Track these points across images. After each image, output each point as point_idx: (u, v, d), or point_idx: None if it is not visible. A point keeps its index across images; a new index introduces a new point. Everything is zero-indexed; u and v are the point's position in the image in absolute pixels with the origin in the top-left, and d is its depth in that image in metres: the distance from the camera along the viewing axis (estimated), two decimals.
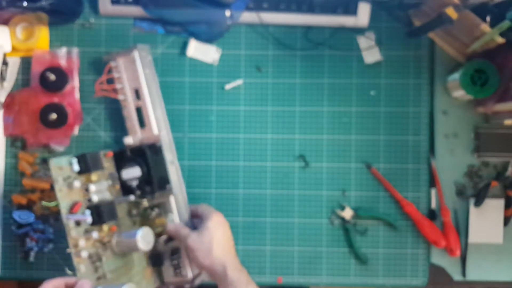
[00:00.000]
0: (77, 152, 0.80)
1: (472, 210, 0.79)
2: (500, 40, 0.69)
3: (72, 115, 0.79)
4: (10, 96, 0.80)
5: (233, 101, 0.80)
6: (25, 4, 0.73)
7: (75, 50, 0.79)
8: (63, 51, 0.79)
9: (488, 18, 0.69)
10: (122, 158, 0.70)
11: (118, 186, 0.70)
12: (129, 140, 0.74)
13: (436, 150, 0.80)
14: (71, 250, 0.64)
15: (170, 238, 0.72)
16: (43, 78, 0.77)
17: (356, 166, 0.80)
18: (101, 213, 0.65)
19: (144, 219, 0.73)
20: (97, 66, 0.80)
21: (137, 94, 0.74)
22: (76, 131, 0.79)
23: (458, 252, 0.78)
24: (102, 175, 0.68)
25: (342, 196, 0.80)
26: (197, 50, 0.80)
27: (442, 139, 0.80)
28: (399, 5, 0.77)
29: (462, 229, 0.79)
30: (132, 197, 0.69)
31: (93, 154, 0.67)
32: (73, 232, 0.64)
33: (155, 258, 0.73)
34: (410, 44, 0.80)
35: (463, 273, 0.79)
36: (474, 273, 0.79)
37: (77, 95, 0.79)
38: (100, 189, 0.67)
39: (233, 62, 0.80)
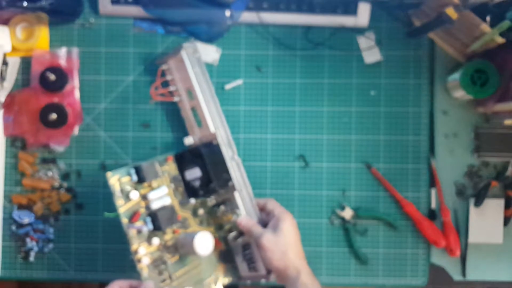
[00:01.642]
0: (78, 152, 0.80)
1: (472, 210, 0.79)
2: (500, 40, 0.69)
3: (72, 115, 0.79)
4: (10, 96, 0.80)
5: (233, 101, 0.80)
6: (25, 4, 0.73)
7: (75, 50, 0.79)
8: (63, 51, 0.79)
9: (488, 18, 0.69)
10: (183, 160, 0.71)
11: (181, 188, 0.71)
12: (189, 141, 0.74)
13: (436, 150, 0.80)
14: (133, 257, 0.66)
15: (240, 234, 0.72)
16: (43, 78, 0.77)
17: (356, 166, 0.80)
18: (160, 220, 0.66)
19: (212, 217, 0.74)
20: (97, 66, 0.80)
21: (191, 93, 0.75)
22: (76, 131, 0.79)
23: (458, 252, 0.78)
24: (162, 181, 0.70)
25: (342, 196, 0.80)
26: None
27: (442, 139, 0.80)
28: (399, 5, 0.77)
29: (462, 229, 0.79)
30: (192, 201, 0.70)
31: (149, 164, 0.68)
32: (135, 241, 0.66)
33: (226, 255, 0.73)
34: (410, 44, 0.80)
35: (463, 273, 0.79)
36: (474, 273, 0.79)
37: (77, 95, 0.79)
38: (159, 195, 0.68)
39: (233, 62, 0.80)
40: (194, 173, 0.71)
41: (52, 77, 0.77)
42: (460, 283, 0.79)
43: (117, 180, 0.67)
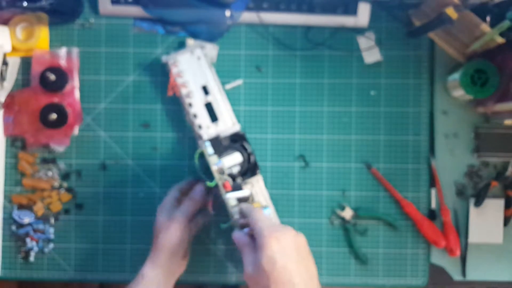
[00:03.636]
0: (78, 152, 0.80)
1: (472, 210, 0.79)
2: (500, 40, 0.69)
3: (72, 115, 0.79)
4: (10, 96, 0.80)
5: (233, 101, 0.80)
6: (25, 4, 0.73)
7: (75, 50, 0.79)
8: (63, 51, 0.79)
9: (488, 18, 0.69)
10: (217, 145, 0.72)
11: None
12: (209, 134, 0.74)
13: (436, 150, 0.80)
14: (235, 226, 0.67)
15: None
16: (43, 78, 0.77)
17: (356, 166, 0.80)
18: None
19: None
20: (97, 66, 0.80)
21: (205, 90, 0.75)
22: (76, 131, 0.79)
23: (458, 252, 0.78)
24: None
25: (342, 196, 0.80)
26: None
27: (442, 139, 0.80)
28: (399, 5, 0.77)
29: (462, 229, 0.79)
30: (247, 192, 0.70)
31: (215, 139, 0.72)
32: (232, 202, 0.68)
33: None
34: (410, 44, 0.80)
35: (463, 273, 0.79)
36: (474, 273, 0.79)
37: (77, 95, 0.79)
38: (233, 162, 0.71)
39: (233, 62, 0.80)
40: (234, 159, 0.71)
41: (52, 77, 0.77)
42: (460, 283, 0.80)
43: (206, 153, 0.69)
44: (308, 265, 0.56)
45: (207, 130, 0.74)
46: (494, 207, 0.78)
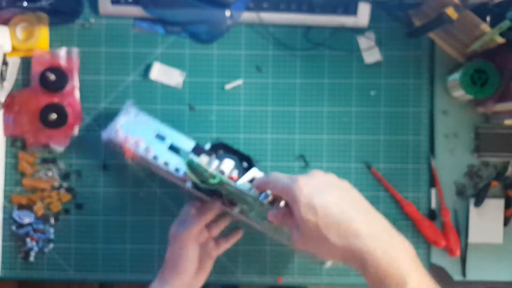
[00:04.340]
0: (78, 152, 0.80)
1: (472, 210, 0.79)
2: (500, 40, 0.69)
3: (72, 115, 0.79)
4: (10, 96, 0.80)
5: (233, 101, 0.80)
6: (25, 4, 0.73)
7: (75, 50, 0.79)
8: (63, 51, 0.79)
9: (488, 18, 0.69)
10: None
11: None
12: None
13: (436, 150, 0.80)
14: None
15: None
16: (43, 78, 0.77)
17: (356, 166, 0.80)
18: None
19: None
20: (97, 66, 0.80)
21: (160, 137, 0.74)
22: (76, 131, 0.79)
23: (458, 252, 0.78)
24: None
25: None
26: (160, 72, 0.79)
27: (442, 139, 0.80)
28: (399, 5, 0.77)
29: (462, 229, 0.79)
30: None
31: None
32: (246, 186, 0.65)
33: None
34: (410, 44, 0.80)
35: (463, 273, 0.79)
36: (474, 273, 0.79)
37: (77, 95, 0.79)
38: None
39: (233, 62, 0.80)
40: (228, 165, 0.70)
41: (52, 77, 0.77)
42: (460, 283, 0.79)
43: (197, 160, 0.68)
44: (350, 193, 0.52)
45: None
46: (494, 207, 0.78)
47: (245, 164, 0.72)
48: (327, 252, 0.50)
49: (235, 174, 0.69)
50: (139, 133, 0.74)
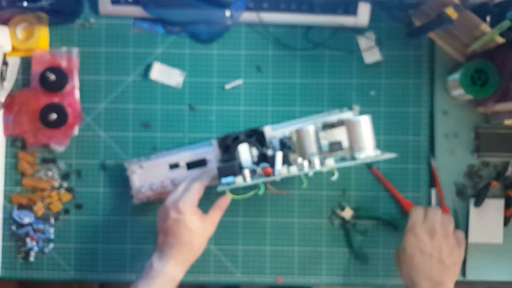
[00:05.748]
0: (78, 152, 0.80)
1: (472, 210, 0.79)
2: (500, 40, 0.69)
3: (72, 115, 0.79)
4: (10, 96, 0.80)
5: (233, 101, 0.80)
6: (25, 4, 0.73)
7: (75, 50, 0.79)
8: (63, 51, 0.79)
9: (488, 18, 0.69)
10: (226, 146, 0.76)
11: None
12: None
13: (436, 150, 0.80)
14: None
15: None
16: (43, 78, 0.77)
17: (356, 166, 0.80)
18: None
19: None
20: (97, 66, 0.80)
21: (174, 166, 0.77)
22: (76, 131, 0.80)
23: None
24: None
25: (342, 196, 0.80)
26: (160, 72, 0.80)
27: (442, 139, 0.80)
28: (399, 5, 0.77)
29: (462, 229, 0.79)
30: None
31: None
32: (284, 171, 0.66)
33: None
34: (410, 44, 0.80)
35: (463, 273, 0.79)
36: (474, 273, 0.79)
37: (77, 95, 0.79)
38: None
39: (233, 62, 0.80)
40: (245, 150, 0.71)
41: (52, 77, 0.77)
42: (460, 283, 0.79)
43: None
44: (453, 250, 0.69)
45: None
46: (494, 207, 0.78)
47: (253, 139, 0.75)
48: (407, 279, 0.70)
49: (265, 166, 0.68)
50: (155, 177, 0.77)
